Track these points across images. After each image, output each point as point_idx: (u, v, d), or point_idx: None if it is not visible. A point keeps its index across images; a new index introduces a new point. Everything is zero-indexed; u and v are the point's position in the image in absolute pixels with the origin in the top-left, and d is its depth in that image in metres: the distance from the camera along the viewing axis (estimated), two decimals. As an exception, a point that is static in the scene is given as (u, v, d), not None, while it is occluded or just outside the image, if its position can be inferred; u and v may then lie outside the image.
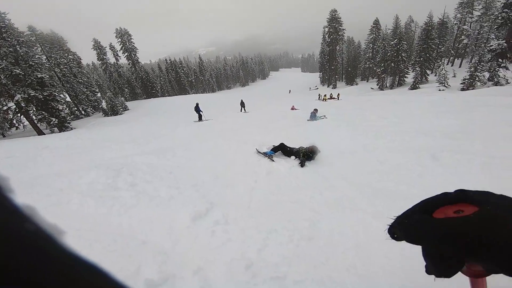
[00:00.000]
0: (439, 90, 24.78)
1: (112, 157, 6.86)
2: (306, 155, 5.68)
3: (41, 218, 0.20)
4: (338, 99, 28.83)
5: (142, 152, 7.17)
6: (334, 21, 49.59)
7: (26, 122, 22.97)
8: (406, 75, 36.93)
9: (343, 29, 50.37)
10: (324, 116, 12.91)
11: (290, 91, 56.72)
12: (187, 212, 3.58)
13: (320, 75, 62.74)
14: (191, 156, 6.26)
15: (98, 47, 44.39)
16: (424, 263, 0.51)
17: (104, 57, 45.60)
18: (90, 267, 0.23)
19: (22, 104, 21.20)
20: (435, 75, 30.48)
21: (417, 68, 32.72)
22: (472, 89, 22.09)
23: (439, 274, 0.46)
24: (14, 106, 21.67)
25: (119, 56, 49.30)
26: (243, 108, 22.75)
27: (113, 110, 31.51)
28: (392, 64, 36.26)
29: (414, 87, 30.81)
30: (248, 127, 10.83)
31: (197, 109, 17.72)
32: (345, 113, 13.47)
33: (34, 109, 22.19)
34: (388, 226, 0.53)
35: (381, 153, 5.81)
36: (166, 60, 65.12)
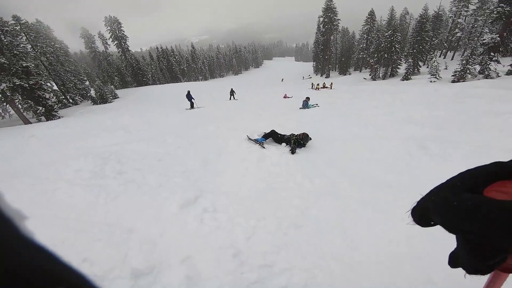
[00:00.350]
0: (431, 81, 24.96)
1: (100, 145, 6.72)
2: (297, 142, 5.66)
3: (4, 203, 0.19)
4: (331, 88, 28.88)
5: (131, 140, 7.04)
6: (329, 10, 49.08)
7: (12, 111, 22.33)
8: (398, 66, 37.12)
9: (338, 19, 49.94)
10: (317, 104, 12.95)
11: (282, 79, 56.33)
12: (175, 199, 3.54)
13: (313, 64, 62.39)
14: (182, 144, 6.16)
15: (87, 36, 43.20)
16: (447, 255, 0.41)
17: (92, 45, 44.47)
18: (47, 255, 0.21)
19: (8, 93, 20.53)
20: (427, 67, 30.62)
21: (409, 60, 32.80)
22: (463, 81, 22.31)
23: (478, 270, 0.35)
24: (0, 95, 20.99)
25: (109, 45, 47.94)
26: (232, 96, 22.51)
27: (103, 98, 30.80)
28: (386, 55, 36.29)
29: (406, 78, 30.96)
30: (239, 114, 10.73)
31: (188, 96, 17.48)
32: (337, 102, 13.50)
33: (20, 98, 21.51)
34: (413, 207, 0.41)
35: (371, 142, 5.85)
36: (157, 48, 63.46)
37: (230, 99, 22.16)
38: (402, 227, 2.88)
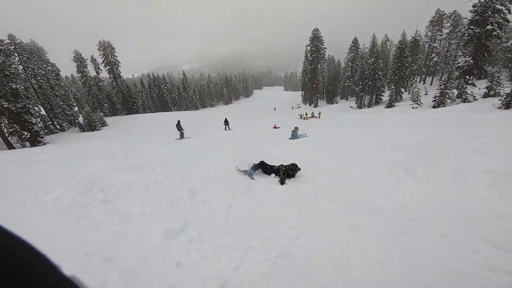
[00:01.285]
0: (413, 107, 26.16)
1: (84, 173, 6.51)
2: (286, 173, 5.67)
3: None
4: (319, 117, 29.68)
5: (117, 169, 6.85)
6: (316, 39, 51.33)
7: (-3, 135, 21.61)
8: (382, 94, 38.64)
9: (324, 48, 52.00)
10: (305, 134, 13.18)
11: (275, 108, 57.69)
12: (160, 229, 3.42)
13: (302, 93, 64.07)
14: (169, 173, 6.06)
15: (79, 59, 42.61)
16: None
17: (84, 69, 43.71)
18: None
19: (-6, 116, 19.98)
20: (409, 93, 32.12)
21: (392, 87, 34.44)
22: (442, 106, 23.47)
23: None
24: (-16, 118, 20.39)
25: (101, 70, 47.45)
26: (227, 126, 22.91)
27: (91, 126, 30.41)
28: (370, 82, 37.89)
29: (389, 105, 32.30)
30: (229, 145, 10.78)
31: (178, 126, 17.56)
32: (325, 131, 13.87)
33: (6, 121, 20.92)
34: None
35: (358, 169, 5.96)
36: (149, 75, 64.20)
37: (225, 129, 22.54)
38: (393, 251, 2.88)
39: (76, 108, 38.20)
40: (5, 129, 21.02)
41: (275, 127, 20.22)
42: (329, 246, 3.09)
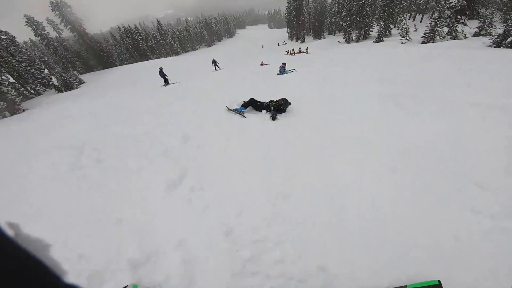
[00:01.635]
0: (402, 43, 25.51)
1: (72, 135, 6.29)
2: (277, 108, 5.62)
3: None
4: (306, 53, 28.64)
5: (104, 125, 6.62)
6: None
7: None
8: (371, 29, 37.51)
9: None
10: (294, 69, 12.84)
11: (263, 46, 55.15)
12: (160, 182, 3.44)
13: (288, 30, 61.43)
14: (159, 122, 5.90)
15: (33, 23, 38.81)
16: None
17: (42, 32, 40.13)
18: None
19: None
20: (398, 29, 30.96)
21: (381, 23, 33.00)
22: (432, 42, 22.90)
23: None
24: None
25: (62, 30, 43.68)
26: (216, 66, 22.20)
27: (67, 85, 28.73)
28: (358, 18, 36.21)
29: (378, 40, 31.37)
30: (216, 86, 10.38)
31: (161, 73, 16.65)
32: (314, 65, 13.42)
33: (-26, 94, 19.48)
34: None
35: (349, 102, 5.90)
36: (119, 27, 58.48)
37: (215, 69, 21.65)
38: (385, 188, 2.99)
39: (46, 71, 35.49)
40: (-25, 102, 19.70)
41: (262, 64, 19.55)
42: (324, 185, 3.16)
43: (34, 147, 6.04)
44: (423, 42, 23.60)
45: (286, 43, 54.29)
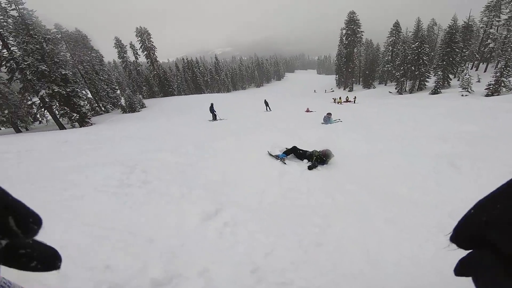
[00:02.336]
0: (462, 95, 23.84)
1: (127, 153, 6.99)
2: (319, 159, 5.56)
3: None
4: (354, 102, 28.39)
5: (155, 149, 7.24)
6: (352, 23, 48.84)
7: (50, 117, 23.95)
8: (427, 79, 35.93)
9: (361, 31, 49.59)
10: (339, 119, 12.66)
11: (315, 91, 56.61)
12: (197, 211, 3.58)
13: (336, 77, 61.81)
14: (203, 155, 6.25)
15: (119, 45, 45.37)
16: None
17: (124, 55, 46.59)
18: None
19: (46, 99, 22.11)
20: (458, 80, 29.36)
21: (439, 72, 31.69)
22: (497, 95, 21.13)
23: None
24: (38, 101, 22.64)
25: (139, 55, 50.05)
26: (267, 107, 23.26)
27: (131, 107, 32.32)
28: (413, 67, 35.25)
29: (435, 91, 29.82)
30: (261, 128, 10.78)
31: (211, 109, 18.05)
32: (361, 116, 13.20)
33: (57, 104, 23.06)
34: (459, 226, 0.40)
35: (396, 158, 5.65)
36: (183, 59, 66.17)
37: (266, 110, 22.90)
38: (428, 247, 2.80)
39: (118, 91, 40.72)
40: (56, 111, 23.23)
41: (307, 111, 19.73)
42: (361, 238, 3.06)
43: (93, 158, 6.79)
44: (487, 95, 21.80)
45: (333, 91, 54.50)
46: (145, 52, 50.52)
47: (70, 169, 5.69)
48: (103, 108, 35.43)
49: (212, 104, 18.37)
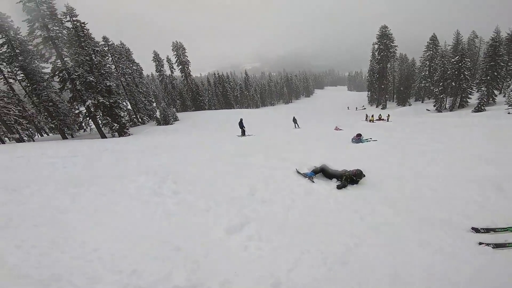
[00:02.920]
0: (509, 113, 21.90)
1: (160, 164, 7.40)
2: (349, 179, 5.37)
3: None
4: (387, 120, 27.18)
5: (186, 162, 7.63)
6: (384, 37, 47.09)
7: (93, 126, 25.96)
8: (469, 96, 33.35)
9: (395, 46, 47.55)
10: (371, 138, 12.15)
11: (348, 107, 55.41)
12: (222, 224, 3.67)
13: (368, 94, 59.43)
14: (232, 170, 6.40)
15: (157, 59, 48.05)
16: None
17: (161, 68, 49.17)
18: None
19: (92, 109, 24.02)
20: (504, 96, 27.04)
21: (482, 88, 29.44)
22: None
23: None
24: (85, 111, 24.68)
25: (174, 69, 51.95)
26: (296, 124, 23.40)
27: (165, 120, 34.01)
28: (453, 83, 33.02)
29: (478, 109, 27.71)
30: (289, 145, 10.79)
31: (240, 124, 18.49)
32: (394, 135, 12.58)
33: (101, 114, 24.87)
34: None
35: (434, 181, 5.29)
36: (214, 74, 68.78)
37: (294, 127, 23.14)
38: (466, 270, 2.66)
39: (154, 104, 43.05)
40: (99, 121, 25.14)
41: (337, 129, 19.33)
42: (390, 259, 2.93)
43: (129, 167, 7.26)
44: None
45: (365, 108, 52.09)
46: (180, 66, 52.45)
47: (108, 176, 6.16)
48: (140, 120, 37.63)
49: (241, 120, 18.84)
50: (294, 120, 23.53)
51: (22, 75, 24.47)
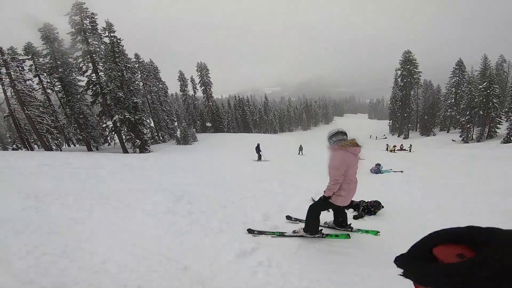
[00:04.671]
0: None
1: (177, 183, 7.56)
2: (366, 209, 5.23)
3: None
4: (410, 151, 26.28)
5: (202, 183, 7.78)
6: (407, 62, 46.29)
7: (117, 140, 27.09)
8: (498, 126, 31.67)
9: (418, 72, 46.55)
10: (391, 169, 11.74)
11: (371, 136, 54.21)
12: (233, 248, 3.62)
13: (389, 123, 57.94)
14: (246, 194, 6.43)
15: (182, 79, 49.98)
16: None
17: (185, 88, 51.04)
18: None
19: (118, 124, 25.18)
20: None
21: (512, 117, 27.92)
22: None
23: None
24: (111, 125, 25.91)
25: (197, 89, 54.16)
26: (300, 152, 23.76)
27: (185, 140, 35.00)
28: (480, 112, 31.58)
29: (508, 140, 26.24)
30: (305, 172, 10.70)
31: (257, 149, 18.82)
32: (417, 167, 12.09)
33: (126, 129, 26.03)
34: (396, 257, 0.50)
35: (460, 215, 5.01)
36: (235, 96, 70.62)
37: (298, 153, 23.43)
38: None
39: (176, 123, 44.51)
40: (124, 136, 26.24)
41: None
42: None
43: (146, 183, 7.44)
44: None
45: (386, 137, 50.89)
46: (203, 87, 54.27)
47: (126, 190, 6.32)
48: (161, 138, 38.90)
49: (258, 145, 19.23)
50: (300, 148, 23.98)
51: (59, 86, 26.23)
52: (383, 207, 5.31)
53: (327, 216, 4.52)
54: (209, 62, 54.26)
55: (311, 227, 3.93)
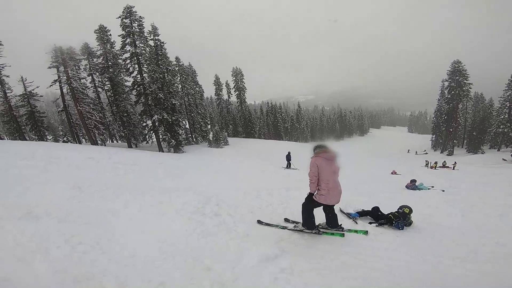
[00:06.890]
0: None
1: (207, 185, 7.76)
2: (396, 217, 4.97)
3: None
4: (453, 168, 24.07)
5: (231, 187, 7.91)
6: (456, 73, 41.65)
7: (154, 140, 28.59)
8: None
9: (469, 84, 41.90)
10: (432, 187, 10.84)
11: (408, 151, 50.95)
12: (256, 253, 3.62)
13: (432, 137, 53.06)
14: (273, 201, 6.40)
15: (217, 83, 51.42)
16: None
17: (220, 92, 52.45)
18: None
19: (156, 124, 26.59)
20: None
21: None
22: None
23: None
24: (151, 124, 27.41)
25: (231, 94, 54.76)
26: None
27: (216, 143, 35.77)
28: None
29: None
30: None
31: (288, 157, 18.74)
32: (460, 186, 11.02)
33: (163, 129, 27.31)
34: None
35: (502, 236, 4.62)
36: (268, 103, 70.71)
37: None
38: None
39: (209, 126, 45.80)
40: (161, 135, 27.59)
41: (393, 173, 18.04)
42: None
43: (178, 183, 7.71)
44: None
45: (426, 153, 46.45)
46: (237, 92, 54.99)
47: (159, 188, 6.62)
48: (194, 139, 40.23)
49: (289, 153, 19.25)
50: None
51: (109, 85, 28.50)
52: (412, 211, 5.13)
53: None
54: (244, 68, 55.14)
55: (307, 221, 4.45)
